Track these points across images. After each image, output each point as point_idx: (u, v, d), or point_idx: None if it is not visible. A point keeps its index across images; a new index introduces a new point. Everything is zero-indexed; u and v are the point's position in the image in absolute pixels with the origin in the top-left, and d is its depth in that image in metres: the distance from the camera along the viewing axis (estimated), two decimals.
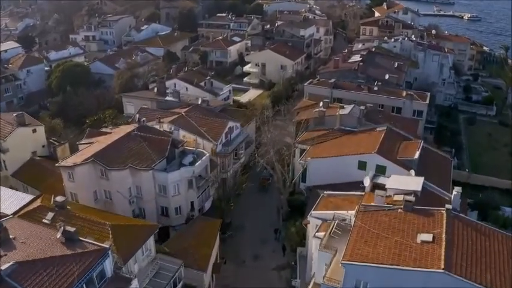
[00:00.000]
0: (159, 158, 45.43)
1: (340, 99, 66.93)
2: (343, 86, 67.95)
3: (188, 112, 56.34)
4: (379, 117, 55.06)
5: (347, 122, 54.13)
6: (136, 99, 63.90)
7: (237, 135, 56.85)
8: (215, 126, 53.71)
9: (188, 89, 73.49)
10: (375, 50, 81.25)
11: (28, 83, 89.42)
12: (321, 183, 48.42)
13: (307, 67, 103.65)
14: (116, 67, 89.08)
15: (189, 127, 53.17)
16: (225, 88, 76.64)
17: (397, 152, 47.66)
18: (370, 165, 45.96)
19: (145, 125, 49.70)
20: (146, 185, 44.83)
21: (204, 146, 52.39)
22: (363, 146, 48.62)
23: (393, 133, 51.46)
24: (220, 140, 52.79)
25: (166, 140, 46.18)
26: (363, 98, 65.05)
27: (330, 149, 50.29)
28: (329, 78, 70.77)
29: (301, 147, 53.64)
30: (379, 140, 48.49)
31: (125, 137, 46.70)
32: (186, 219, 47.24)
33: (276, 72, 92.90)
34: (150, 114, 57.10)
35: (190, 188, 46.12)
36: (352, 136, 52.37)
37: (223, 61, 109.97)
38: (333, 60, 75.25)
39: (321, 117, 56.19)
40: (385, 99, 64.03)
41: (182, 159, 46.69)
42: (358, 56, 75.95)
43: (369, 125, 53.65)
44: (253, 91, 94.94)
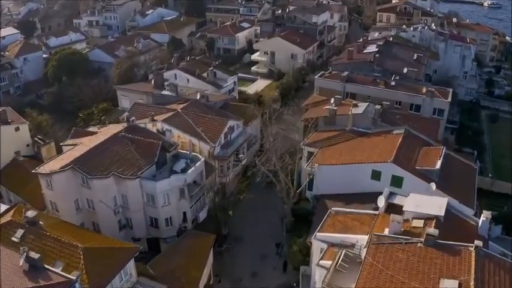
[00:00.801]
0: (148, 164, 40.70)
1: (353, 94, 61.15)
2: (357, 79, 61.97)
3: (185, 109, 51.31)
4: (396, 117, 49.25)
5: (360, 122, 48.54)
6: (131, 93, 59.08)
7: (239, 135, 51.72)
8: (213, 125, 48.63)
9: (189, 80, 68.26)
10: (392, 39, 74.57)
11: (25, 71, 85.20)
12: (329, 192, 43.46)
13: (319, 56, 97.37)
14: (116, 55, 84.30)
15: (185, 127, 48.21)
16: (229, 79, 71.23)
17: (416, 160, 42.07)
18: (385, 175, 40.74)
19: (135, 125, 44.90)
20: (133, 194, 40.28)
21: (200, 148, 47.50)
22: (377, 152, 43.14)
23: (412, 137, 45.76)
24: (219, 141, 47.74)
25: (156, 144, 41.33)
26: (379, 93, 59.16)
27: (341, 154, 44.93)
28: (342, 70, 64.71)
29: (309, 149, 48.44)
30: (395, 145, 42.94)
31: (111, 140, 41.99)
32: (177, 230, 42.67)
33: (285, 62, 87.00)
34: (144, 111, 52.32)
35: (182, 197, 41.41)
36: (366, 139, 46.83)
37: (231, 48, 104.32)
38: (347, 50, 69.04)
39: (331, 117, 50.66)
40: (403, 95, 57.97)
41: (174, 165, 41.91)
42: (374, 46, 69.54)
43: (384, 126, 48.05)
44: (262, 81, 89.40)
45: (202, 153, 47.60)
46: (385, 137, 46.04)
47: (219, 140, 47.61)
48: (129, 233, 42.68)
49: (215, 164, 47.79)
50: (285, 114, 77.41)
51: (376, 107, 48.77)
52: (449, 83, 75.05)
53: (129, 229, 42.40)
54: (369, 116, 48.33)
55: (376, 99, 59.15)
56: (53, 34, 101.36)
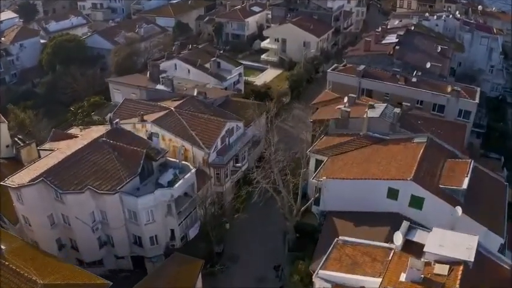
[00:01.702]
0: (130, 175, 35.78)
1: (369, 91, 54.97)
2: (374, 74, 55.61)
3: (179, 107, 45.98)
4: (418, 122, 43.06)
5: (377, 126, 42.66)
6: (124, 86, 53.93)
7: (239, 137, 46.25)
8: (209, 128, 43.25)
9: (190, 71, 62.87)
10: (414, 28, 67.33)
11: (21, 58, 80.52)
12: (338, 209, 38.23)
13: (334, 43, 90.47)
14: (115, 41, 78.99)
15: (178, 129, 42.99)
16: (234, 70, 65.48)
17: (440, 176, 36.22)
18: (404, 194, 35.19)
19: (119, 129, 39.84)
20: (112, 211, 35.49)
21: (194, 153, 42.33)
22: (395, 165, 37.34)
23: (435, 147, 39.78)
24: (215, 146, 42.43)
25: (140, 153, 36.26)
26: (398, 91, 52.91)
27: (353, 165, 39.24)
28: (357, 63, 58.32)
29: (317, 157, 42.82)
30: (416, 158, 37.07)
31: (89, 146, 37.06)
32: (164, 249, 37.98)
33: (297, 50, 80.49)
34: (134, 108, 47.20)
35: (169, 214, 36.48)
36: (382, 147, 41.00)
37: (240, 34, 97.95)
38: (363, 41, 62.38)
39: (344, 119, 44.80)
40: (426, 94, 51.51)
41: (160, 177, 36.89)
42: (394, 36, 62.62)
43: (404, 132, 42.04)
44: (271, 71, 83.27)
45: (196, 159, 42.52)
46: (405, 146, 40.13)
47: (215, 145, 42.28)
48: (110, 251, 38.17)
49: (210, 172, 42.63)
50: (294, 108, 71.84)
51: (395, 110, 42.62)
52: (474, 77, 68.09)
53: (110, 246, 37.84)
54: (386, 120, 42.33)
55: (394, 97, 53.19)
56: (53, 18, 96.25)
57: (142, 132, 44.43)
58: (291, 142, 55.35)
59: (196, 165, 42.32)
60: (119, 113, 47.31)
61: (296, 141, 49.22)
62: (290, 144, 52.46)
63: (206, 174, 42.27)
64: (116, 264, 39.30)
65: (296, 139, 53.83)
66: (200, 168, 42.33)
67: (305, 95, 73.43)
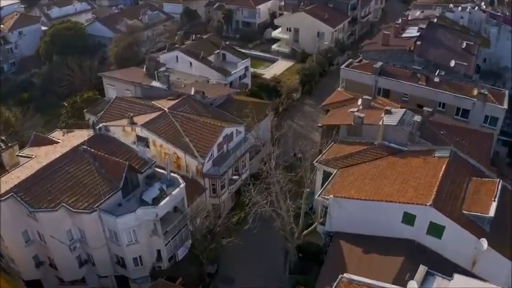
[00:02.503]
0: (111, 190, 31.85)
1: (387, 90, 49.90)
2: (392, 72, 50.35)
3: (174, 108, 41.67)
4: (440, 133, 37.94)
5: (393, 135, 37.79)
6: (118, 82, 49.76)
7: (239, 143, 41.80)
8: (205, 133, 38.90)
9: (192, 64, 58.31)
10: (436, 21, 61.20)
11: (21, 46, 77.19)
12: (345, 230, 33.94)
13: (351, 33, 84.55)
14: (117, 30, 74.74)
15: (170, 134, 38.77)
16: (240, 64, 60.65)
17: (463, 199, 31.39)
18: (421, 220, 30.64)
19: (103, 135, 35.81)
20: (91, 230, 31.70)
21: (187, 162, 38.16)
22: (413, 184, 32.58)
23: (458, 162, 34.87)
24: (210, 154, 38.13)
25: (122, 165, 32.19)
26: (418, 92, 47.73)
27: (364, 181, 34.54)
28: (374, 59, 53.14)
29: (325, 169, 38.21)
30: (437, 176, 32.28)
31: (68, 156, 33.14)
32: (150, 270, 34.23)
33: (311, 41, 75.16)
34: (126, 108, 43.05)
35: (154, 234, 32.55)
36: (399, 160, 36.19)
37: (251, 22, 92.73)
38: (382, 34, 56.76)
39: (357, 126, 39.97)
40: (449, 97, 46.17)
41: (145, 192, 32.83)
42: (415, 29, 56.80)
43: (424, 143, 37.06)
44: (282, 62, 78.35)
45: (189, 168, 38.38)
46: (425, 160, 35.24)
47: (210, 153, 37.97)
48: (92, 270, 34.59)
49: (205, 183, 38.46)
50: (305, 105, 66.96)
51: (415, 118, 37.51)
52: (500, 75, 62.31)
53: (91, 265, 34.24)
54: (405, 129, 37.33)
55: (414, 99, 48.09)
56: (56, 3, 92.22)
57: (132, 136, 40.52)
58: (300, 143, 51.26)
59: (190, 175, 38.28)
60: (109, 113, 43.36)
61: (305, 141, 44.51)
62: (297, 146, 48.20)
63: (200, 185, 38.11)
64: (99, 283, 35.82)
65: (305, 139, 49.52)
66: (194, 178, 38.22)
67: (317, 90, 68.47)
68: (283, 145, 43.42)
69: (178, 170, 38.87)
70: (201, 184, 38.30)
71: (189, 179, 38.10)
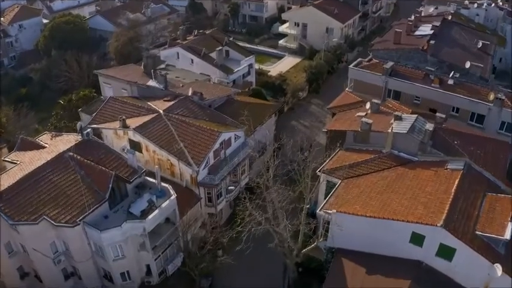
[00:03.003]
0: (97, 202, 29.78)
1: (397, 92, 47.05)
2: (404, 73, 47.34)
3: (169, 110, 39.33)
4: (454, 142, 35.06)
5: (403, 144, 35.08)
6: (114, 81, 47.52)
7: (238, 149, 39.36)
8: (201, 139, 36.50)
9: (194, 61, 55.92)
10: (451, 18, 57.75)
11: (21, 40, 75.61)
12: (349, 247, 31.55)
13: (361, 29, 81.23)
14: (119, 23, 72.46)
15: (164, 139, 36.45)
16: (243, 61, 58.04)
17: (477, 218, 28.72)
18: (431, 241, 28.24)
19: (91, 140, 33.64)
20: (75, 243, 29.76)
21: (181, 169, 35.88)
22: (423, 200, 29.98)
23: (473, 176, 32.18)
24: (206, 161, 35.78)
25: (108, 175, 30.05)
26: (431, 95, 44.78)
27: (370, 195, 31.95)
28: (385, 58, 50.14)
29: (329, 179, 35.65)
30: (450, 191, 29.67)
31: (52, 163, 31.08)
32: (139, 285, 32.21)
33: (319, 37, 72.23)
34: (120, 109, 40.84)
35: (142, 249, 30.45)
36: (409, 172, 33.52)
37: (258, 16, 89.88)
38: (393, 31, 53.60)
39: (364, 132, 37.27)
40: (463, 101, 43.14)
41: (133, 204, 30.69)
42: (429, 27, 53.52)
43: (436, 154, 34.27)
44: (290, 59, 75.56)
45: (183, 176, 36.12)
46: (436, 172, 32.53)
47: (206, 161, 35.62)
48: (78, 283, 32.68)
49: (199, 191, 36.19)
50: (312, 104, 64.17)
51: (426, 126, 34.67)
52: None
53: (77, 278, 32.32)
54: (415, 138, 34.56)
55: (426, 102, 45.23)
56: None
57: (125, 140, 38.39)
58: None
59: (184, 183, 36.04)
60: (102, 114, 41.24)
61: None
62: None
63: (194, 194, 35.86)
64: None
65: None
66: (188, 186, 35.98)
67: (325, 88, 65.63)
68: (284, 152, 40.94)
69: (172, 178, 36.72)
70: (196, 193, 36.01)
71: (183, 187, 35.89)
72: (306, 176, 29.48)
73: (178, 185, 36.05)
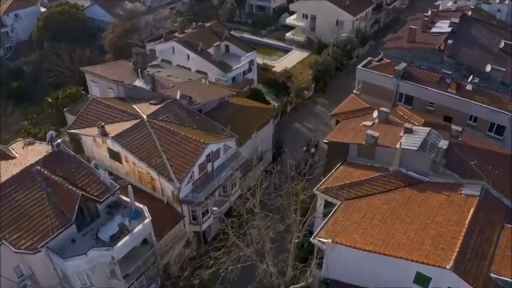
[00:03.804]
0: (62, 225, 26.58)
1: (410, 97, 42.73)
2: (417, 76, 42.84)
3: (154, 115, 35.79)
4: (470, 162, 30.85)
5: (413, 162, 31.05)
6: (101, 79, 44.05)
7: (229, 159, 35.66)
8: (185, 150, 32.89)
9: (190, 57, 52.16)
10: (471, 14, 52.49)
11: (17, 30, 72.79)
12: (345, 280, 28.03)
13: (375, 21, 76.10)
14: (118, 14, 68.85)
15: (145, 149, 32.99)
16: (244, 58, 54.03)
17: (493, 256, 24.78)
18: (437, 284, 24.31)
19: (62, 152, 30.27)
20: (40, 269, 26.76)
21: (162, 185, 32.44)
22: (432, 232, 26.19)
23: (490, 203, 28.20)
24: (189, 177, 32.22)
25: (74, 195, 26.76)
26: (447, 101, 40.38)
27: (372, 222, 28.14)
28: (398, 58, 45.55)
29: (327, 198, 31.85)
30: (463, 224, 25.87)
31: (17, 179, 27.89)
32: None
33: (328, 30, 67.25)
34: (101, 113, 37.50)
35: (113, 277, 27.28)
36: (418, 195, 29.55)
37: (266, 6, 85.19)
38: (408, 28, 48.79)
39: (369, 146, 33.24)
40: (483, 109, 38.60)
41: (102, 228, 27.44)
42: (447, 24, 48.49)
43: (449, 175, 30.14)
44: (297, 53, 71.14)
45: (164, 192, 32.71)
46: (449, 198, 28.51)
47: (189, 176, 32.08)
48: None
49: (182, 209, 32.77)
50: (318, 104, 59.96)
51: (440, 144, 30.43)
52: None
53: None
54: (427, 156, 30.43)
55: (441, 109, 40.93)
56: None
57: (104, 149, 35.09)
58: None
59: (165, 200, 32.68)
60: (83, 118, 37.96)
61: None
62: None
63: (176, 212, 32.47)
64: None
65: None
66: (170, 203, 32.62)
67: (333, 86, 61.31)
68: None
69: (154, 192, 33.39)
70: (178, 211, 32.61)
71: (165, 204, 32.54)
72: (293, 211, 25.67)
73: (160, 201, 32.77)
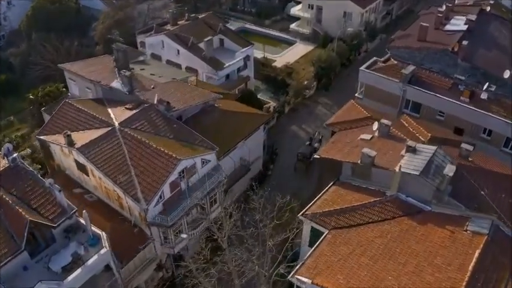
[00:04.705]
0: (10, 253, 23.41)
1: (417, 104, 38.44)
2: (427, 80, 38.45)
3: (127, 123, 32.15)
4: (481, 192, 26.63)
5: (414, 188, 27.13)
6: (79, 78, 40.50)
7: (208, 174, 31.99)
8: (156, 166, 29.20)
9: (180, 52, 48.23)
10: (490, 9, 47.11)
11: (10, 18, 69.14)
12: None
13: (387, 13, 70.82)
14: (111, 2, 64.96)
15: (113, 163, 29.45)
16: (238, 54, 49.76)
17: None
18: None
19: (18, 167, 26.92)
20: None
21: (129, 204, 29.00)
22: (428, 277, 22.39)
23: (500, 243, 24.13)
24: (159, 196, 28.69)
25: (23, 221, 23.50)
26: (459, 111, 36.01)
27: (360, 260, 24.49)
28: (406, 59, 41.06)
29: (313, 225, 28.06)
30: (466, 269, 22.49)
31: None
32: None
33: (335, 22, 62.49)
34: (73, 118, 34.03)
35: None
36: (416, 227, 25.75)
37: None
38: (419, 26, 43.87)
39: (365, 167, 29.20)
40: (498, 122, 34.18)
41: (53, 257, 24.21)
42: (463, 20, 43.45)
43: (454, 206, 26.03)
44: (300, 46, 66.56)
45: (132, 211, 29.30)
46: (452, 235, 24.57)
47: (160, 194, 28.55)
48: None
49: (151, 231, 29.32)
50: (319, 104, 55.62)
51: (446, 170, 26.14)
52: None
53: None
54: (429, 183, 26.31)
55: (451, 120, 36.68)
56: None
57: (71, 160, 31.77)
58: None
59: (133, 220, 29.30)
60: (54, 122, 34.51)
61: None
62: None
63: (144, 234, 29.08)
64: None
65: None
66: (137, 224, 29.23)
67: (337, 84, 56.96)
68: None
69: (121, 210, 30.05)
70: (147, 233, 29.20)
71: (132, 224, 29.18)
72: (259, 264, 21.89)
73: (129, 220, 29.45)
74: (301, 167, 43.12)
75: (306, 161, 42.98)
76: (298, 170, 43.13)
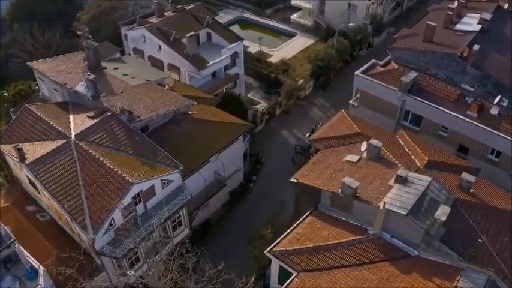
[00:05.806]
0: None
1: (418, 117, 34.21)
2: (430, 90, 34.07)
3: (84, 136, 28.58)
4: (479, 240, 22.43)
5: (400, 229, 23.08)
6: (47, 78, 36.96)
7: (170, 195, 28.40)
8: (108, 188, 25.69)
9: (162, 48, 44.24)
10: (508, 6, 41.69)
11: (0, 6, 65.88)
12: None
13: (397, 4, 65.34)
14: None
15: (63, 183, 26.09)
16: (225, 51, 45.13)
17: None
18: None
19: None
20: None
21: (77, 230, 25.70)
22: None
23: None
24: (109, 224, 25.28)
25: None
26: (464, 127, 31.58)
27: None
28: (409, 62, 36.66)
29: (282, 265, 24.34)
30: None
31: None
32: None
33: (339, 14, 57.62)
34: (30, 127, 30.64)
35: None
36: (398, 278, 21.96)
37: None
38: (425, 25, 38.89)
39: (345, 198, 25.19)
40: (508, 143, 29.69)
41: None
42: (476, 19, 38.35)
43: (445, 253, 21.98)
44: (301, 39, 61.96)
45: (81, 237, 26.04)
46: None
47: (109, 222, 25.14)
48: None
49: (102, 261, 26.06)
50: (315, 106, 51.20)
51: (437, 214, 21.88)
52: None
53: None
54: (419, 226, 22.22)
55: (455, 136, 32.47)
56: None
57: (24, 175, 28.57)
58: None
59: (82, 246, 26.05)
60: (13, 130, 31.15)
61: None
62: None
63: (96, 263, 25.83)
64: None
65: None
66: (88, 252, 25.99)
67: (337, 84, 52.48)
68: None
69: (73, 234, 26.87)
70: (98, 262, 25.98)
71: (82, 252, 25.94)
72: None
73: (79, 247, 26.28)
74: (299, 159, 39.34)
75: (304, 153, 39.24)
76: (297, 163, 39.27)
